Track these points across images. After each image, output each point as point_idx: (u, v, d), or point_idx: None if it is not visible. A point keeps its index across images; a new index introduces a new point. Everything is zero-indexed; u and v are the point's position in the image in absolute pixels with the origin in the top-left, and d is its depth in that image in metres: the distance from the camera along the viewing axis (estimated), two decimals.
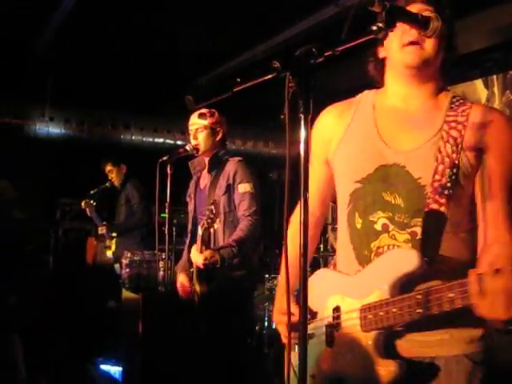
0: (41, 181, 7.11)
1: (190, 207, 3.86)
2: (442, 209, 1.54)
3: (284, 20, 5.59)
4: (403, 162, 1.61)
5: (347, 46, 1.31)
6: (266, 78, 1.25)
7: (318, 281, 1.76)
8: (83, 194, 6.15)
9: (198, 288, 3.48)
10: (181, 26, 5.76)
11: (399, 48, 1.63)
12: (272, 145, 7.91)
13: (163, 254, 4.02)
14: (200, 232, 3.36)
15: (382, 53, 1.74)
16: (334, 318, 1.67)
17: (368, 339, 1.54)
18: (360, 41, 1.33)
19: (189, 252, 3.64)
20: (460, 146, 1.56)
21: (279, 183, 7.92)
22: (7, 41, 5.91)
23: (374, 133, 1.70)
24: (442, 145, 1.57)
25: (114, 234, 5.91)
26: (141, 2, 5.29)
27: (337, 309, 1.66)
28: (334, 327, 1.66)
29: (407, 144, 1.63)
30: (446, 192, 1.54)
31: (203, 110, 3.68)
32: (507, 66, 5.65)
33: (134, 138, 7.15)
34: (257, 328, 5.66)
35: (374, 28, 1.35)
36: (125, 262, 4.74)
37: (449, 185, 1.54)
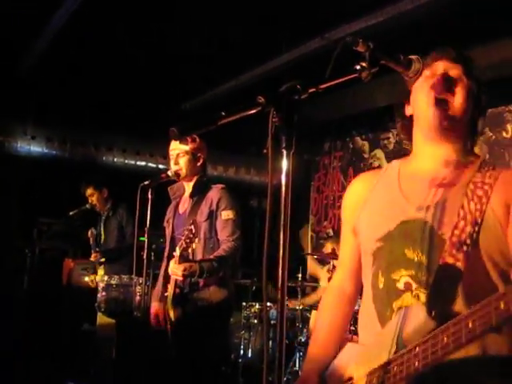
0: (19, 199, 7.03)
1: (168, 232, 3.85)
2: (458, 264, 1.48)
3: (271, 50, 5.66)
4: (426, 217, 1.57)
5: (331, 83, 1.34)
6: (251, 112, 1.27)
7: (341, 356, 1.70)
8: (62, 214, 6.10)
9: (172, 313, 3.45)
10: (167, 50, 5.80)
11: (427, 106, 1.63)
12: (254, 172, 7.93)
13: (140, 278, 4.00)
14: (177, 252, 3.34)
15: (408, 110, 1.76)
16: None
17: None
18: (343, 79, 1.37)
19: (164, 278, 3.63)
20: (485, 206, 1.52)
21: (260, 211, 7.95)
22: None
23: (396, 192, 1.68)
24: (466, 202, 1.53)
25: (103, 260, 5.82)
26: (126, 25, 5.32)
27: (350, 379, 1.60)
28: None
29: (430, 199, 1.60)
30: (465, 248, 1.49)
31: None
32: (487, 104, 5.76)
33: (116, 159, 7.12)
34: (232, 356, 5.62)
35: (358, 67, 1.38)
36: (101, 285, 4.70)
37: (468, 241, 1.49)
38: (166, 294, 3.55)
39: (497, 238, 1.52)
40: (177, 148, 3.72)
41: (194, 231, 3.27)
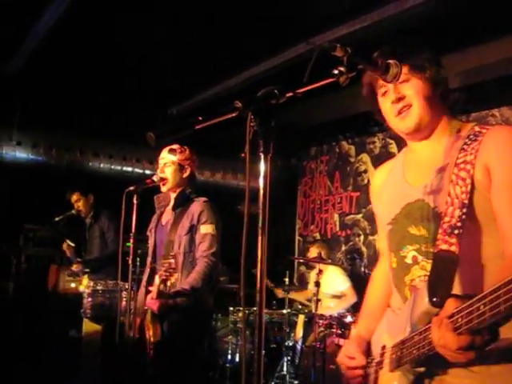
0: (5, 205, 6.99)
1: (151, 242, 3.86)
2: (453, 248, 1.55)
3: (256, 55, 5.69)
4: (423, 197, 1.70)
5: (308, 88, 1.35)
6: (228, 116, 1.28)
7: (381, 324, 1.85)
8: (48, 220, 6.06)
9: (151, 329, 3.45)
10: (154, 55, 5.81)
11: (393, 117, 1.76)
12: (241, 177, 7.94)
13: (126, 283, 3.98)
14: (157, 281, 3.35)
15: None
16: (380, 355, 1.74)
17: (394, 379, 1.58)
18: (321, 84, 1.38)
19: (146, 287, 3.63)
20: (469, 186, 1.59)
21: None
22: None
23: (401, 178, 1.84)
24: (452, 188, 1.61)
25: (87, 270, 5.75)
26: (113, 30, 5.32)
27: (383, 347, 1.73)
28: (378, 365, 1.73)
29: (426, 181, 1.72)
30: (456, 232, 1.56)
31: (174, 146, 3.72)
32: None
33: (102, 165, 7.10)
34: (220, 361, 5.61)
35: (336, 72, 1.39)
36: (87, 291, 4.68)
37: (459, 224, 1.57)
38: (145, 308, 3.55)
39: (488, 206, 1.60)
40: (165, 157, 3.73)
41: (173, 266, 3.27)
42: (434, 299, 1.49)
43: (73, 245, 5.83)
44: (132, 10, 4.93)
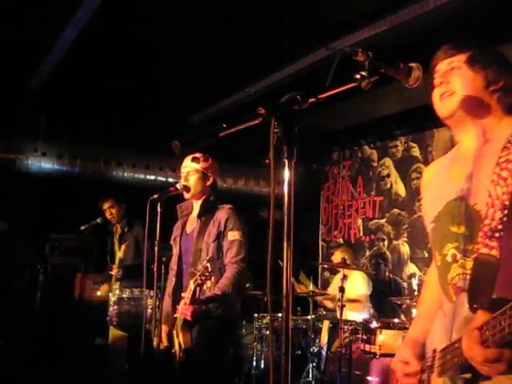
0: (31, 215, 7.09)
1: (175, 251, 3.87)
2: (493, 252, 1.50)
3: (276, 62, 5.70)
4: (463, 195, 1.66)
5: (331, 93, 1.36)
6: (252, 123, 1.29)
7: (434, 326, 1.79)
8: (73, 229, 6.13)
9: (181, 336, 3.47)
10: (175, 64, 5.86)
11: (437, 100, 1.74)
12: (263, 183, 7.95)
13: (151, 291, 4.01)
14: (192, 286, 3.35)
15: None
16: (431, 359, 1.70)
17: None
18: (343, 89, 1.38)
19: (173, 293, 3.64)
20: (511, 187, 1.53)
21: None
22: (2, 76, 5.98)
23: (446, 174, 1.79)
24: (493, 188, 1.55)
25: (119, 276, 5.78)
26: (135, 42, 5.39)
27: (434, 351, 1.69)
28: (430, 369, 1.69)
29: (467, 179, 1.67)
30: (497, 235, 1.51)
31: (197, 155, 3.75)
32: None
33: (125, 174, 7.17)
34: (245, 368, 5.61)
35: (358, 76, 1.40)
36: (113, 299, 4.71)
37: (500, 227, 1.51)
38: (175, 316, 3.56)
39: None
40: (188, 166, 3.76)
41: (210, 269, 3.28)
42: (474, 305, 1.46)
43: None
44: (154, 18, 4.98)
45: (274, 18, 4.86)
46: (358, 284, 5.94)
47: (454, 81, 1.70)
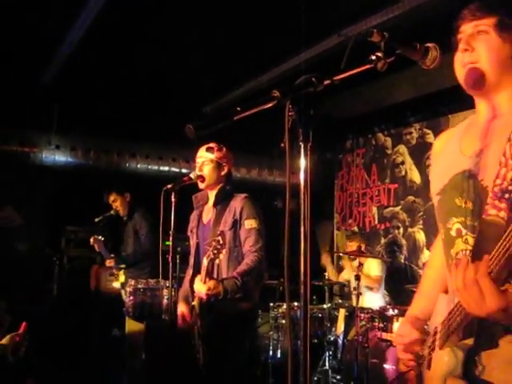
0: (46, 208, 7.13)
1: (192, 242, 3.85)
2: (501, 214, 1.45)
3: (288, 49, 5.66)
4: (470, 166, 1.60)
5: (346, 75, 1.33)
6: (266, 106, 1.27)
7: (436, 305, 1.79)
8: (88, 221, 6.16)
9: (199, 320, 3.46)
10: (186, 55, 5.83)
11: (460, 67, 1.65)
12: (277, 173, 7.93)
13: (167, 281, 4.01)
14: (205, 262, 3.33)
15: None
16: (432, 336, 1.69)
17: (443, 355, 1.54)
18: (359, 70, 1.35)
19: (191, 285, 3.63)
20: None
21: (284, 211, 7.92)
22: (14, 69, 5.99)
23: (456, 146, 1.72)
24: (508, 148, 1.48)
25: (123, 266, 5.88)
26: (146, 33, 5.37)
27: (435, 328, 1.67)
28: (431, 347, 1.68)
29: (476, 149, 1.61)
30: (507, 196, 1.45)
31: (211, 144, 3.73)
32: None
33: (139, 165, 7.18)
34: (262, 357, 5.61)
35: (373, 58, 1.37)
36: (129, 289, 4.72)
37: (510, 188, 1.45)
38: (193, 303, 3.56)
39: None
40: (202, 156, 3.74)
41: (221, 242, 3.25)
42: None
43: (101, 238, 5.93)
44: (165, 11, 4.96)
45: (286, 6, 4.81)
46: (372, 266, 5.98)
47: (479, 49, 1.59)
